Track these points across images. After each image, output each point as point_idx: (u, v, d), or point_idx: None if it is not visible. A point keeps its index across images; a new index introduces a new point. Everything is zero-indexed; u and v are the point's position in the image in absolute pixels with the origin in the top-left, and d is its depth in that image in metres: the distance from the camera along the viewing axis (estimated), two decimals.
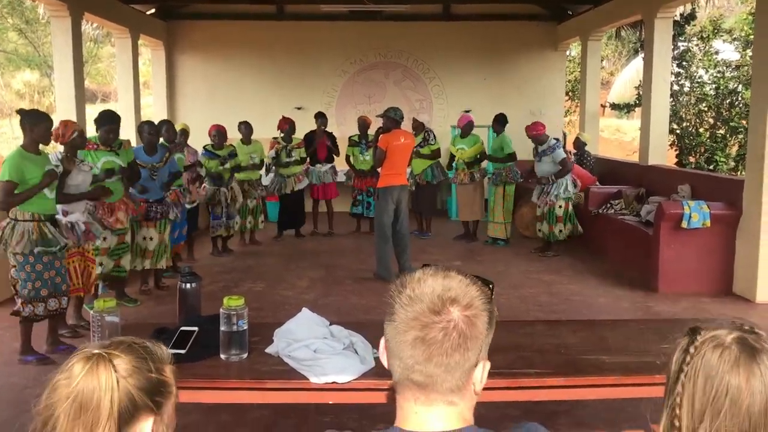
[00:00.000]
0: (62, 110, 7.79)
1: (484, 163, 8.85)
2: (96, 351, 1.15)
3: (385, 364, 1.20)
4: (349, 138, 9.21)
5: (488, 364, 1.16)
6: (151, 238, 6.07)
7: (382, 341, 1.20)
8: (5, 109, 15.81)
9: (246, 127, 8.26)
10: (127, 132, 8.23)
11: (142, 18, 10.31)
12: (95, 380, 1.11)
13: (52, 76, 13.83)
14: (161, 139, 6.55)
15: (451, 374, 1.11)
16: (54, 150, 5.22)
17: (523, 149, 8.62)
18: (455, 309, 1.10)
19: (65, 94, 7.74)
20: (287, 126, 8.59)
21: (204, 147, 7.73)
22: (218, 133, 7.73)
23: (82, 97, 7.94)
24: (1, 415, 3.69)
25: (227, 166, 7.70)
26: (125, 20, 9.43)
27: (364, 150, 9.01)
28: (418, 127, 9.12)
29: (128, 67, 9.73)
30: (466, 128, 8.58)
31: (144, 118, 9.72)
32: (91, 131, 5.59)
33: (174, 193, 6.51)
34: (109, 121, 5.45)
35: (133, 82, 9.75)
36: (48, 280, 4.49)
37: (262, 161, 8.37)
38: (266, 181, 8.80)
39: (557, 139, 7.87)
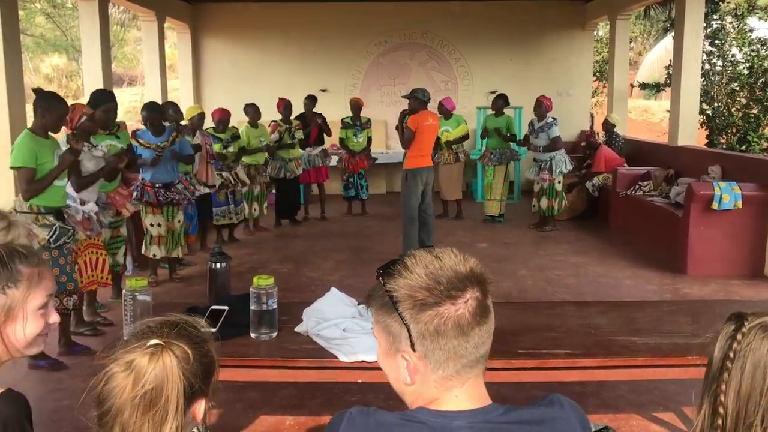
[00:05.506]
0: None
1: (466, 145, 9.17)
2: (156, 342, 1.14)
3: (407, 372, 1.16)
4: (342, 120, 9.08)
5: None
6: (159, 225, 5.76)
7: (408, 352, 1.11)
8: (33, 93, 16.01)
9: (254, 110, 8.03)
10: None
11: (168, 1, 10.34)
12: (163, 374, 1.12)
13: (80, 60, 13.98)
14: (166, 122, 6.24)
15: (486, 347, 1.12)
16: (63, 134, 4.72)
17: None
18: (477, 284, 1.09)
19: (93, 78, 7.79)
20: (282, 107, 8.37)
21: (206, 130, 7.32)
22: (219, 119, 7.48)
23: (109, 80, 7.99)
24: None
25: (231, 149, 7.45)
26: (151, 3, 9.46)
27: (359, 132, 8.98)
28: None
29: (154, 51, 9.78)
30: (449, 110, 8.76)
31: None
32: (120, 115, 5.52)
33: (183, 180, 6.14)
34: (107, 99, 5.03)
35: (160, 65, 9.81)
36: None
37: (268, 145, 8.05)
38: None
39: (554, 118, 8.06)
